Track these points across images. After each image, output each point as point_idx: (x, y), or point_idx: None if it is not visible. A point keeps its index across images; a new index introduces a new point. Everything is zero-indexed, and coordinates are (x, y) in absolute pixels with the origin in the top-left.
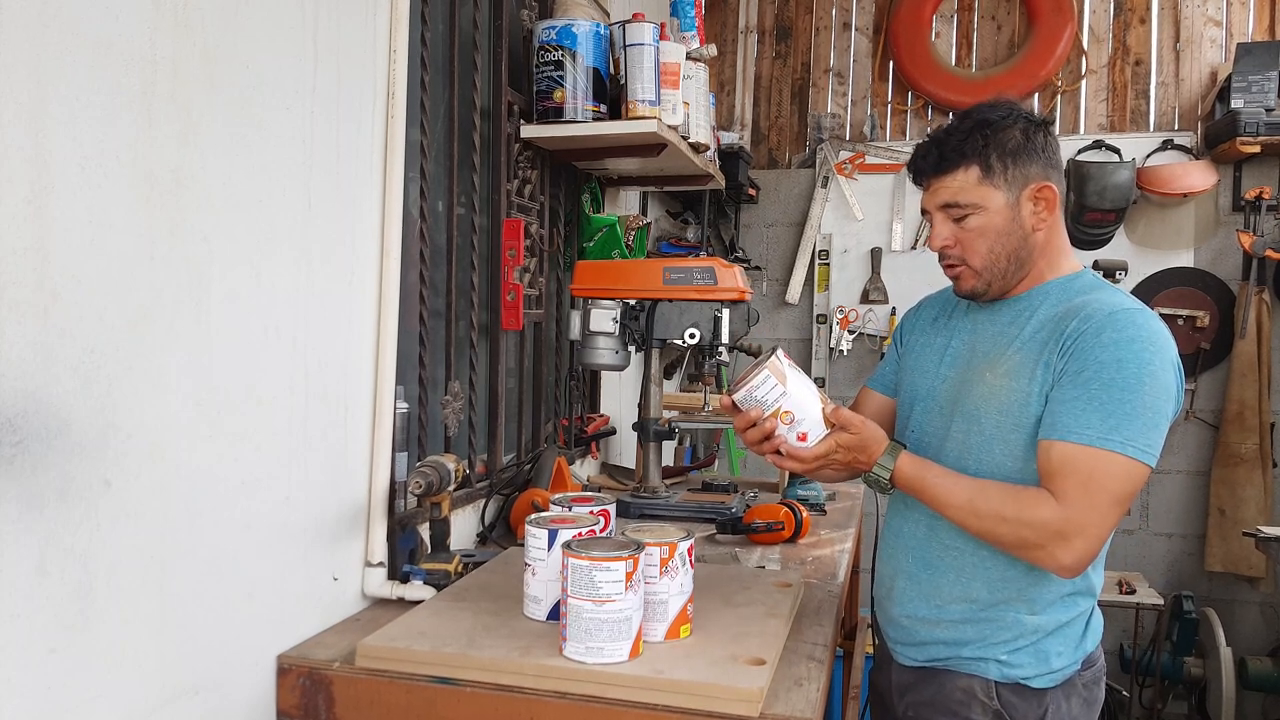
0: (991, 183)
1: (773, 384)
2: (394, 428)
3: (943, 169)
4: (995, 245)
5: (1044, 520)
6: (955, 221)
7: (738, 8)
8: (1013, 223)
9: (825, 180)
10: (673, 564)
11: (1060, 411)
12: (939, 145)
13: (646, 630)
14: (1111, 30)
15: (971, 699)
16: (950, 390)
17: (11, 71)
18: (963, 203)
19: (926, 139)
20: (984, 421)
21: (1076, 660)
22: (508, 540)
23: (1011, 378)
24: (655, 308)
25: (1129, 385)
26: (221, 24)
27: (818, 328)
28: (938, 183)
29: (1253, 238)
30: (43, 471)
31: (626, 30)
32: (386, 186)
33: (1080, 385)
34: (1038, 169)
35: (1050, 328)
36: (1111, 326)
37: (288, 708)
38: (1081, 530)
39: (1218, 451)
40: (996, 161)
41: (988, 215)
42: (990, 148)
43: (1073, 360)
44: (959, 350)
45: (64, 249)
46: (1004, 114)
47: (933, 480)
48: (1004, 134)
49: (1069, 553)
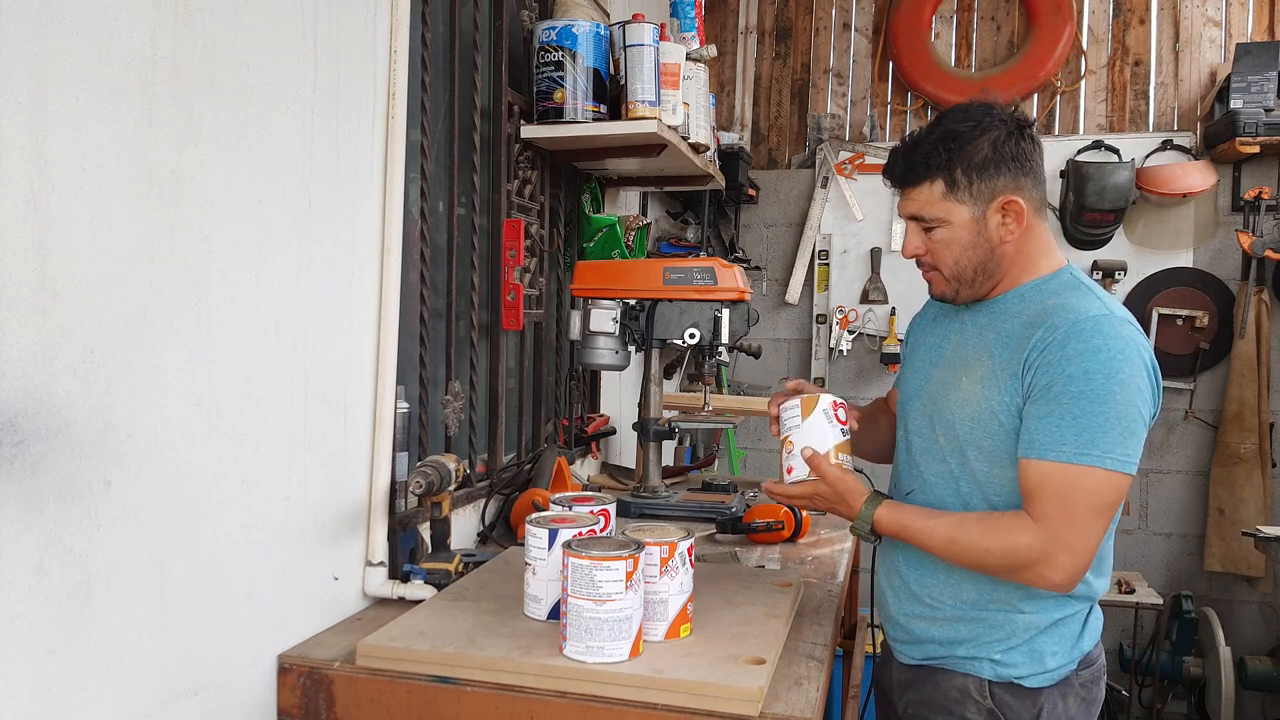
0: (956, 197)
1: (794, 412)
2: (394, 427)
3: (908, 181)
4: (961, 257)
5: (1026, 544)
6: (924, 231)
7: (738, 8)
8: (979, 236)
9: (825, 180)
10: (673, 563)
11: (1035, 429)
12: (905, 156)
13: (646, 630)
14: (1111, 30)
15: (966, 697)
16: (935, 390)
17: (11, 71)
18: (927, 216)
19: (896, 146)
20: (958, 427)
21: (1073, 659)
22: (508, 540)
23: (983, 385)
24: (655, 308)
25: (1099, 396)
26: (222, 24)
27: (817, 328)
28: (905, 193)
29: (1252, 238)
30: (43, 471)
31: (626, 31)
32: (387, 186)
33: (1051, 400)
34: (1006, 181)
35: (1022, 333)
36: (1076, 337)
37: (288, 707)
38: (1065, 547)
39: (1217, 451)
40: (961, 176)
41: (952, 229)
42: (955, 162)
43: (1040, 374)
44: (946, 351)
45: (64, 249)
46: (974, 123)
47: (913, 526)
48: (970, 147)
49: (1057, 571)
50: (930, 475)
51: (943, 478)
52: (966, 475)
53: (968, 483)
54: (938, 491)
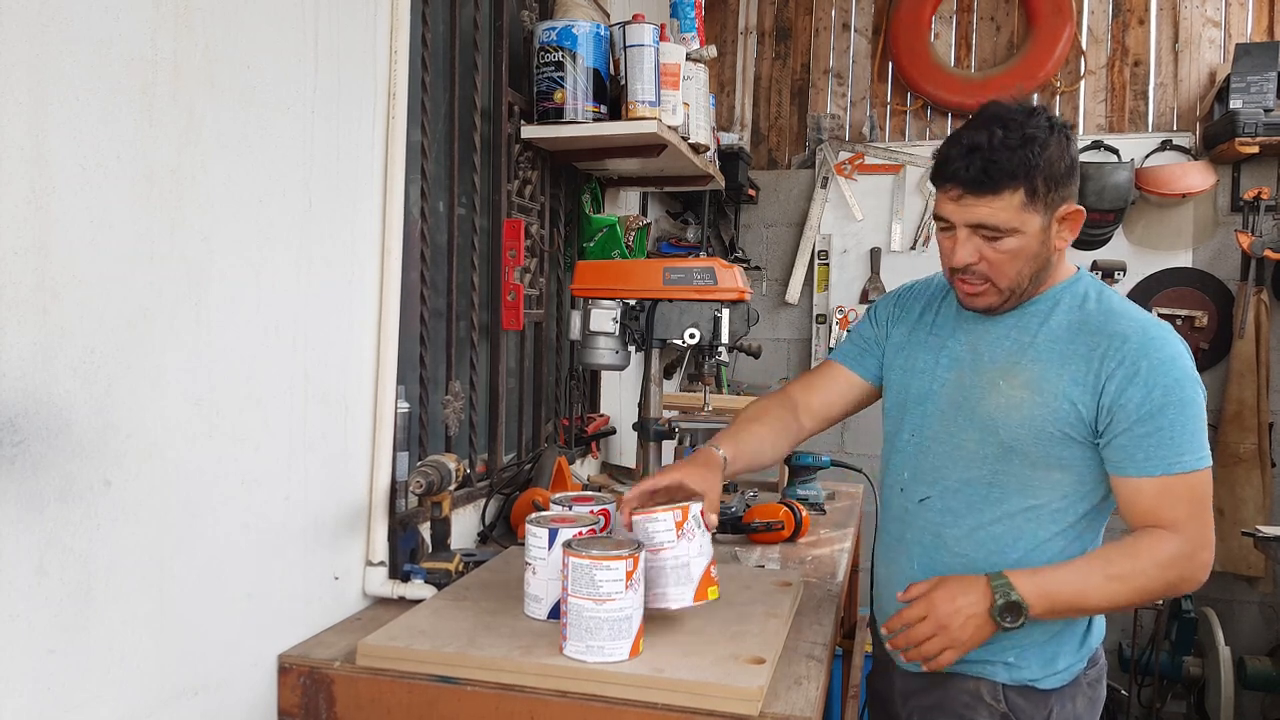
0: (1033, 207)
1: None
2: (395, 427)
3: (985, 186)
4: (1024, 268)
5: (1175, 556)
6: (986, 240)
7: (738, 9)
8: (1043, 246)
9: (825, 181)
10: (688, 526)
11: (1147, 446)
12: (985, 160)
13: (674, 595)
14: (1110, 31)
15: (978, 701)
16: (951, 394)
17: (11, 71)
18: (1002, 226)
19: (963, 144)
20: (1002, 432)
21: (1082, 659)
22: (508, 539)
23: (1034, 390)
24: (655, 308)
25: (1189, 402)
26: (222, 24)
27: (817, 328)
28: (973, 199)
29: (1251, 238)
30: (43, 471)
31: (627, 31)
32: (387, 186)
33: (1155, 416)
34: (1072, 189)
35: (1070, 339)
36: (1153, 348)
37: (288, 707)
38: (1205, 545)
39: (1216, 451)
40: (1042, 185)
41: (1024, 239)
42: (1037, 170)
43: (1129, 389)
44: (958, 353)
45: (64, 249)
46: (1046, 128)
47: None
48: (1051, 154)
49: (1204, 569)
50: (950, 481)
51: (968, 484)
52: (1005, 479)
53: (1003, 488)
54: (961, 497)
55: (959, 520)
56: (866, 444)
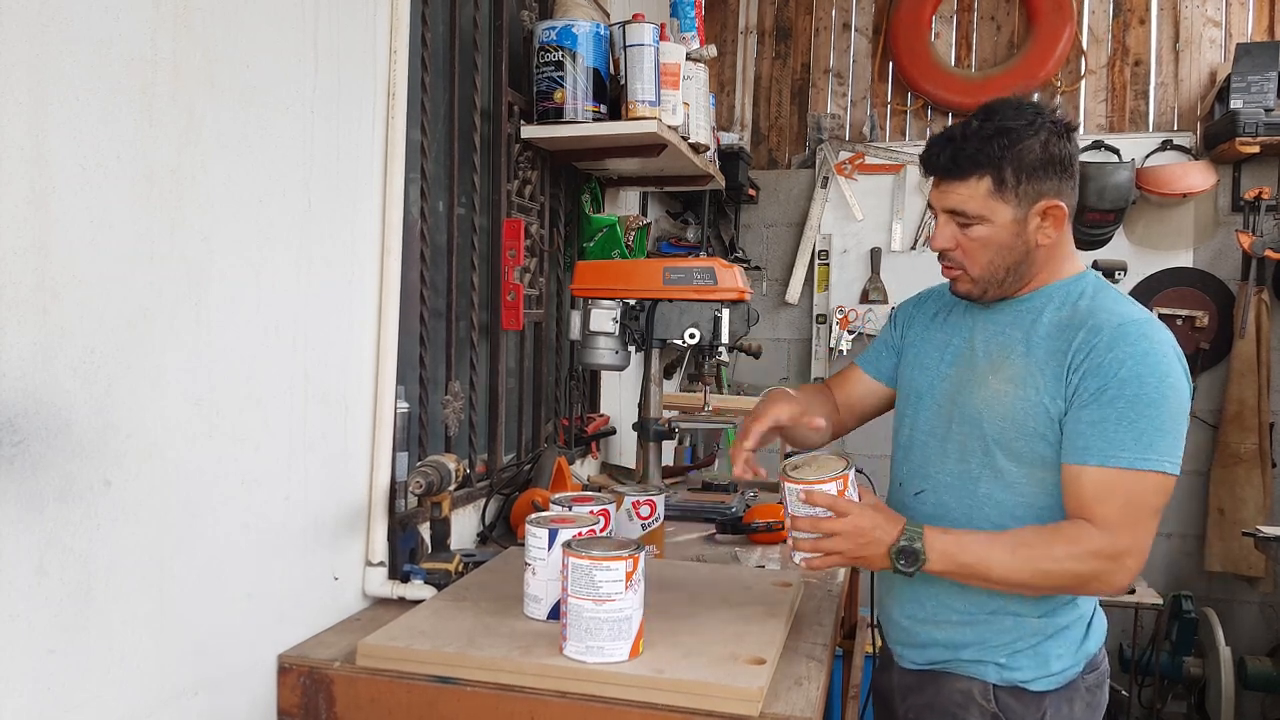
0: (1002, 197)
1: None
2: (394, 427)
3: (953, 173)
4: (995, 258)
5: (1094, 550)
6: (960, 227)
7: (738, 8)
8: (1017, 238)
9: (825, 180)
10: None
11: (1089, 434)
12: (954, 147)
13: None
14: (1111, 31)
15: (969, 701)
16: (949, 389)
17: (11, 71)
18: (969, 212)
19: (943, 134)
20: (985, 426)
21: (1078, 662)
22: (508, 540)
23: (1016, 385)
24: (655, 308)
25: (1153, 400)
26: (222, 24)
27: (817, 328)
28: (946, 185)
29: (1252, 238)
30: (43, 471)
31: (626, 31)
32: (387, 186)
33: (1104, 405)
34: (1052, 184)
35: (1055, 336)
36: (1123, 340)
37: (288, 707)
38: (1130, 550)
39: (1217, 451)
40: (1011, 175)
41: (992, 228)
42: (1006, 160)
43: (1089, 378)
44: (959, 348)
45: (64, 249)
46: (1026, 122)
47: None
48: (1023, 145)
49: (1125, 574)
50: (944, 476)
51: (959, 479)
52: (990, 476)
53: (989, 484)
54: (953, 492)
55: (950, 514)
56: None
